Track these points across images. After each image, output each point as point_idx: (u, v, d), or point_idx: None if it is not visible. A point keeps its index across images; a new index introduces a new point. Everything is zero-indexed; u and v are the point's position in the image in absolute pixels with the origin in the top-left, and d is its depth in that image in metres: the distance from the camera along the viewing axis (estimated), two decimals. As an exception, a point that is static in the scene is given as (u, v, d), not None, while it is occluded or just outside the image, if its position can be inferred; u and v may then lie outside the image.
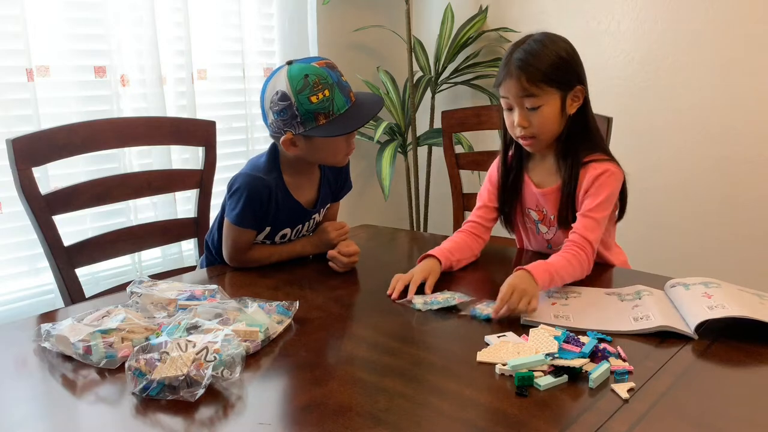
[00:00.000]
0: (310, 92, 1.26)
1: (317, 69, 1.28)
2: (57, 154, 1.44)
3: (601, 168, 1.33)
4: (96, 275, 1.93)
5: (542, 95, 1.29)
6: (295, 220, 1.44)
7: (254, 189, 1.35)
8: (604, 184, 1.32)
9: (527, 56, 1.28)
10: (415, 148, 2.68)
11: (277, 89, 1.28)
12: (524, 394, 0.85)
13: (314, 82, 1.26)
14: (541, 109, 1.29)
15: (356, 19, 2.71)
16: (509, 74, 1.29)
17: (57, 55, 1.85)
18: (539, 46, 1.29)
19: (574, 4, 2.43)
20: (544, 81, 1.28)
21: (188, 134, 1.67)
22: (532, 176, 1.44)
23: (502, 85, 1.32)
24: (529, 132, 1.32)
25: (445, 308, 1.15)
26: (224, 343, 0.89)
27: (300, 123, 1.28)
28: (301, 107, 1.26)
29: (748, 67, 2.08)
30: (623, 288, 1.21)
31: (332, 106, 1.27)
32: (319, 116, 1.27)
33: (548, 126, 1.32)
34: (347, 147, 1.38)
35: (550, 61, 1.28)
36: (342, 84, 1.31)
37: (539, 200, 1.43)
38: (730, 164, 2.16)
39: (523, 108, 1.31)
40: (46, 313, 1.20)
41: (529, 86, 1.28)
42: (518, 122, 1.31)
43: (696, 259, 2.27)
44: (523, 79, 1.27)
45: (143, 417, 0.82)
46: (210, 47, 2.23)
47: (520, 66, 1.28)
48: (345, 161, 1.43)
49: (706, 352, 0.98)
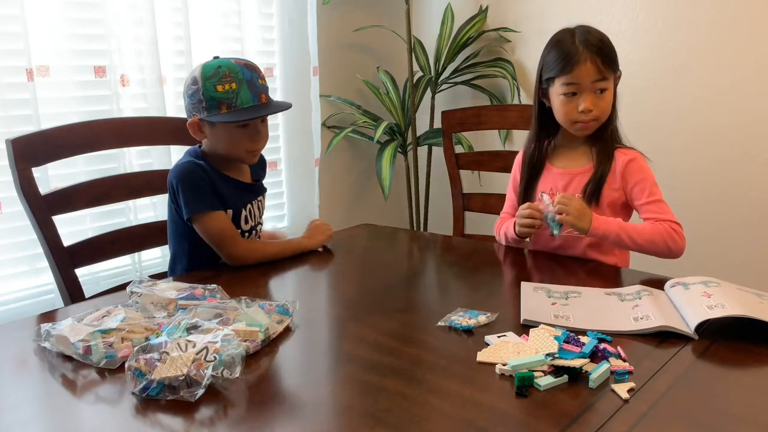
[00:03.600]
0: (218, 81, 1.33)
1: (232, 64, 1.35)
2: (57, 155, 1.45)
3: (630, 154, 1.41)
4: (96, 275, 1.93)
5: (609, 78, 1.37)
6: (245, 195, 1.46)
7: (187, 171, 1.39)
8: (642, 169, 1.41)
9: (598, 42, 1.35)
10: (415, 148, 2.68)
11: (193, 74, 1.37)
12: (524, 394, 0.85)
13: (224, 73, 1.33)
14: (606, 93, 1.38)
15: (356, 19, 2.71)
16: (583, 59, 1.34)
17: (57, 55, 1.85)
18: (596, 32, 1.37)
19: (574, 4, 2.43)
20: (611, 65, 1.37)
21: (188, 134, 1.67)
22: (556, 163, 1.49)
23: (575, 71, 1.35)
24: (593, 116, 1.39)
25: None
26: (224, 343, 0.89)
27: (204, 108, 1.35)
28: (207, 93, 1.33)
29: (748, 67, 2.08)
30: (623, 288, 1.21)
31: (236, 99, 1.33)
32: (222, 105, 1.34)
33: (608, 109, 1.41)
34: (249, 143, 1.41)
35: (610, 44, 1.37)
36: (254, 83, 1.36)
37: (557, 181, 1.47)
38: (731, 164, 2.16)
39: (593, 92, 1.37)
40: (46, 313, 1.20)
41: (605, 69, 1.35)
42: (587, 107, 1.37)
43: (696, 259, 2.26)
44: (599, 62, 1.34)
45: (143, 417, 0.82)
46: (210, 47, 2.22)
47: (596, 51, 1.34)
48: (250, 159, 1.46)
49: (706, 352, 0.98)
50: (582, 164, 1.45)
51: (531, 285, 1.25)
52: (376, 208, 2.89)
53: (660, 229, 1.34)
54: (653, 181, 1.41)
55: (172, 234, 1.47)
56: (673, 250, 1.34)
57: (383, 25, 2.71)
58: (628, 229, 1.33)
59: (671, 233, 1.35)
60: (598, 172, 1.41)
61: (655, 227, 1.35)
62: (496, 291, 1.28)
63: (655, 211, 1.38)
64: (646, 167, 1.42)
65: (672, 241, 1.34)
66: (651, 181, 1.41)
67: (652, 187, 1.40)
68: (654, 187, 1.40)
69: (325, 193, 2.64)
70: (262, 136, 1.43)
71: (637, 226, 1.35)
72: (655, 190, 1.40)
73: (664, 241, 1.33)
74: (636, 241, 1.32)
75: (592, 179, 1.42)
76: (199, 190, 1.37)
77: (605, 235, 1.32)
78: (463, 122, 2.00)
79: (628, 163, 1.40)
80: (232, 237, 1.40)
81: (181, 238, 1.45)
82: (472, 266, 1.42)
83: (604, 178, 1.41)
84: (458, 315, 1.11)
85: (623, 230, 1.32)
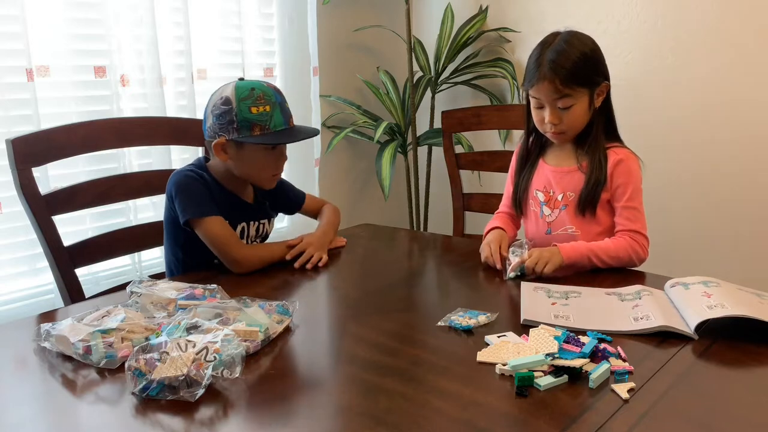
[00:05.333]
0: (252, 103, 1.33)
1: (264, 87, 1.36)
2: (56, 155, 1.44)
3: (621, 154, 1.41)
4: (96, 275, 1.93)
5: (574, 95, 1.36)
6: (241, 213, 1.45)
7: (185, 177, 1.39)
8: (628, 172, 1.40)
9: (559, 58, 1.34)
10: (415, 148, 2.67)
11: (223, 95, 1.35)
12: (524, 394, 0.85)
13: (258, 95, 1.34)
14: (572, 108, 1.37)
15: (356, 19, 2.71)
16: (542, 77, 1.35)
17: (57, 55, 1.85)
18: (569, 48, 1.35)
19: (574, 4, 2.43)
20: (575, 82, 1.35)
21: (188, 134, 1.67)
22: (548, 160, 1.50)
23: (535, 87, 1.37)
24: (559, 129, 1.40)
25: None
26: (224, 343, 0.89)
27: (236, 129, 1.34)
28: (241, 114, 1.33)
29: (748, 67, 2.08)
30: (623, 288, 1.21)
31: (270, 122, 1.34)
32: (255, 126, 1.33)
33: (578, 122, 1.40)
34: (275, 167, 1.43)
35: (579, 62, 1.35)
36: (285, 108, 1.38)
37: (550, 179, 1.48)
38: (731, 164, 2.16)
39: (555, 107, 1.37)
40: (45, 313, 1.20)
41: (563, 88, 1.34)
42: (549, 120, 1.39)
43: (696, 258, 2.27)
44: (557, 81, 1.34)
45: (143, 417, 0.82)
46: (210, 47, 2.23)
47: (554, 69, 1.34)
48: (271, 183, 1.46)
49: (706, 352, 0.98)
50: (569, 164, 1.46)
51: (531, 285, 1.25)
52: (376, 208, 2.89)
53: (624, 244, 1.36)
54: (636, 186, 1.40)
55: (166, 243, 1.47)
56: (636, 262, 1.38)
57: (383, 25, 2.71)
58: (595, 249, 1.34)
59: (634, 246, 1.37)
60: (592, 180, 1.41)
61: (618, 243, 1.37)
62: (496, 291, 1.28)
63: (626, 217, 1.39)
64: (634, 170, 1.41)
65: (635, 254, 1.37)
66: (634, 185, 1.40)
67: (633, 192, 1.40)
68: (635, 192, 1.40)
69: (325, 193, 2.64)
70: (284, 159, 1.44)
71: (602, 245, 1.36)
72: (635, 195, 1.40)
73: (628, 256, 1.36)
74: (604, 260, 1.34)
75: (586, 188, 1.42)
76: (196, 195, 1.37)
77: (579, 258, 1.33)
78: (463, 122, 2.00)
79: (617, 163, 1.40)
80: (234, 241, 1.38)
81: (176, 247, 1.45)
82: (472, 266, 1.42)
83: (599, 186, 1.40)
84: (458, 315, 1.11)
85: (591, 252, 1.34)
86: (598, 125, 1.42)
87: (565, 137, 1.43)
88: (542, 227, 1.50)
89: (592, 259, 1.34)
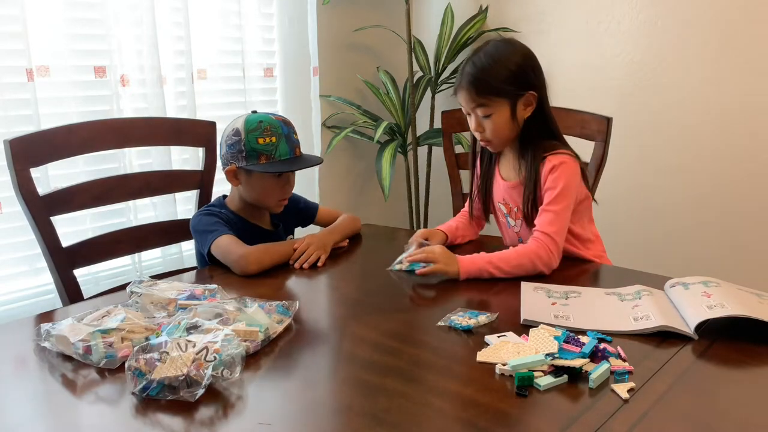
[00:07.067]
0: (260, 135, 1.44)
1: (272, 120, 1.47)
2: (55, 155, 1.44)
3: (555, 161, 1.39)
4: (96, 275, 1.93)
5: (491, 105, 1.38)
6: (262, 241, 1.48)
7: (197, 217, 1.50)
8: (558, 177, 1.38)
9: (475, 71, 1.38)
10: (415, 148, 2.68)
11: (234, 127, 1.47)
12: (524, 394, 0.85)
13: (266, 128, 1.45)
14: (491, 117, 1.39)
15: (356, 19, 2.71)
16: (460, 86, 1.40)
17: (57, 55, 1.85)
18: (488, 60, 1.38)
19: (574, 5, 2.43)
20: (490, 93, 1.37)
21: (188, 135, 1.68)
22: (501, 170, 1.52)
23: (457, 96, 1.43)
24: (484, 137, 1.43)
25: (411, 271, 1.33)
26: (224, 343, 0.89)
27: (244, 157, 1.45)
28: (248, 144, 1.44)
29: (748, 67, 2.08)
30: (623, 288, 1.21)
31: (275, 151, 1.45)
32: (262, 156, 1.44)
33: (500, 131, 1.41)
34: (281, 192, 1.52)
35: (497, 74, 1.37)
36: (291, 139, 1.48)
37: (505, 193, 1.50)
38: (731, 164, 2.16)
39: (477, 116, 1.40)
40: (45, 313, 1.20)
41: (478, 98, 1.38)
42: (472, 128, 1.43)
43: (696, 258, 2.27)
44: (472, 91, 1.38)
45: (143, 417, 0.82)
46: (210, 47, 2.22)
47: (469, 79, 1.38)
48: (278, 208, 1.56)
49: (706, 352, 0.98)
50: (515, 176, 1.48)
51: (531, 285, 1.25)
52: (376, 208, 2.89)
53: (526, 251, 1.33)
54: (561, 191, 1.36)
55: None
56: (541, 268, 1.33)
57: (383, 25, 2.71)
58: (494, 260, 1.32)
59: (539, 252, 1.33)
60: (526, 194, 1.41)
61: (519, 251, 1.34)
62: (496, 291, 1.28)
63: (543, 219, 1.37)
64: (566, 175, 1.37)
65: (539, 260, 1.32)
66: (560, 189, 1.36)
67: (558, 196, 1.36)
68: (559, 197, 1.36)
69: (325, 194, 2.64)
70: (291, 186, 1.54)
71: (502, 254, 1.33)
72: (559, 199, 1.36)
73: (531, 262, 1.32)
74: (504, 269, 1.31)
75: (525, 203, 1.42)
76: (205, 226, 1.46)
77: (477, 273, 1.31)
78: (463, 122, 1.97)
79: (551, 169, 1.38)
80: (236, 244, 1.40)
81: None
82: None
83: (533, 195, 1.41)
84: (458, 315, 1.11)
85: (490, 264, 1.31)
86: (533, 135, 1.41)
87: (493, 146, 1.45)
88: (513, 236, 1.53)
89: (490, 269, 1.31)
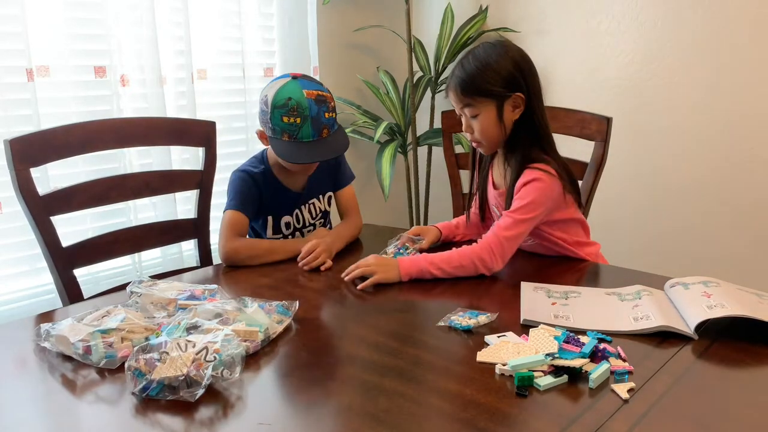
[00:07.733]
0: (285, 113, 1.43)
1: (302, 99, 1.43)
2: (55, 155, 1.44)
3: (532, 175, 1.37)
4: (96, 275, 1.93)
5: (477, 105, 1.38)
6: (290, 205, 1.57)
7: (240, 179, 1.54)
8: (529, 191, 1.37)
9: (462, 72, 1.39)
10: (415, 148, 2.68)
11: (266, 93, 1.47)
12: (524, 394, 0.85)
13: (293, 107, 1.43)
14: (478, 118, 1.40)
15: (356, 19, 2.71)
16: (449, 86, 1.42)
17: (57, 55, 1.85)
18: (476, 62, 1.39)
19: (574, 4, 2.43)
20: (476, 93, 1.38)
21: (188, 135, 1.67)
22: (494, 176, 1.53)
23: (448, 96, 1.44)
24: (474, 138, 1.44)
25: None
26: (224, 343, 0.89)
27: (270, 128, 1.47)
28: (273, 119, 1.45)
29: (748, 66, 2.08)
30: (623, 288, 1.21)
31: (298, 133, 1.44)
32: (284, 134, 1.45)
33: (488, 133, 1.41)
34: (301, 169, 1.55)
35: (477, 73, 1.37)
36: (319, 120, 1.45)
37: (495, 200, 1.52)
38: (731, 164, 2.16)
39: (465, 116, 1.42)
40: (45, 313, 1.20)
41: (463, 98, 1.39)
42: (464, 129, 1.44)
43: (696, 258, 2.27)
44: (458, 90, 1.39)
45: (143, 417, 0.82)
46: (210, 47, 2.22)
47: (457, 81, 1.40)
48: (303, 175, 1.59)
49: (706, 352, 0.98)
50: (501, 185, 1.49)
51: (531, 285, 1.25)
52: (376, 208, 2.89)
53: (469, 252, 1.34)
54: (527, 204, 1.35)
55: None
56: (482, 270, 1.34)
57: (383, 25, 2.71)
58: (436, 261, 1.33)
59: (480, 255, 1.33)
60: (509, 198, 1.41)
61: (462, 252, 1.34)
62: (496, 291, 1.28)
63: (500, 222, 1.37)
64: (537, 191, 1.35)
65: (480, 262, 1.33)
66: (526, 202, 1.35)
67: (523, 207, 1.35)
68: (524, 209, 1.35)
69: (325, 193, 2.64)
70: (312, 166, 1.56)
71: (444, 255, 1.34)
72: (524, 210, 1.35)
73: (472, 263, 1.33)
74: (446, 270, 1.32)
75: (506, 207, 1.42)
76: (240, 193, 1.51)
77: (419, 273, 1.32)
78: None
79: (524, 183, 1.37)
80: (229, 234, 1.46)
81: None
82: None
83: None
84: (458, 315, 1.11)
85: (432, 264, 1.32)
86: (521, 141, 1.40)
87: (483, 148, 1.46)
88: None
89: (432, 270, 1.32)
